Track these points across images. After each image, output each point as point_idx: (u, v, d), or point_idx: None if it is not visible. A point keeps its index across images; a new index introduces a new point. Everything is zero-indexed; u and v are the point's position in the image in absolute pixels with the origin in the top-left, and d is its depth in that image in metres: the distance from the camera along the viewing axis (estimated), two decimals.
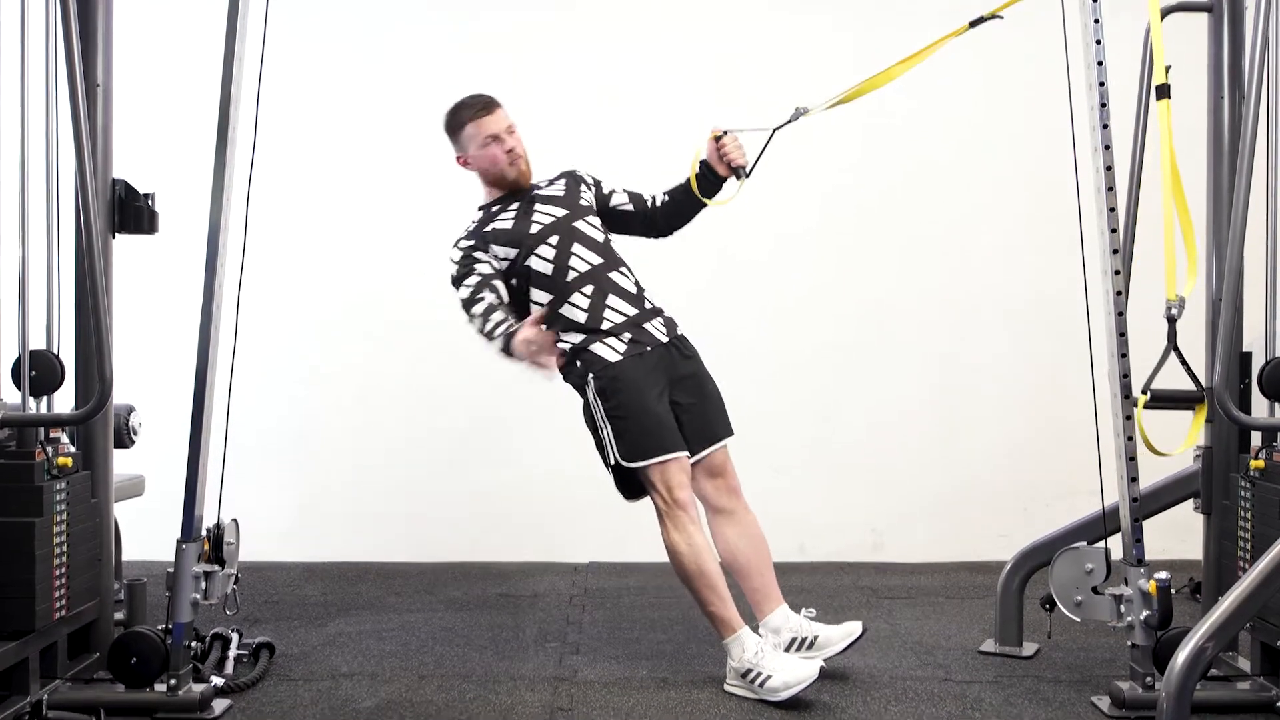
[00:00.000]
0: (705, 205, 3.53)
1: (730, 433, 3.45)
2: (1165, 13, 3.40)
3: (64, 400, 3.16)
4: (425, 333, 5.19)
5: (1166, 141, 2.78)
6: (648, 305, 3.44)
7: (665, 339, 3.40)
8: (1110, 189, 3.01)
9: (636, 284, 3.46)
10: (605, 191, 3.60)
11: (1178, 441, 3.57)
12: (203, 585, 3.09)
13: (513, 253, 3.39)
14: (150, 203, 3.33)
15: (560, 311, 3.35)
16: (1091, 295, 3.11)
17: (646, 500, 3.37)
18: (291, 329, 5.20)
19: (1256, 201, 2.98)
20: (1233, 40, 3.35)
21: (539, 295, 3.38)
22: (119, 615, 3.48)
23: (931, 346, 5.26)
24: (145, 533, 4.20)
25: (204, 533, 3.12)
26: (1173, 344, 2.91)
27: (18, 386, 3.03)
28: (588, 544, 5.14)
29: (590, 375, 3.31)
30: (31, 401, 3.04)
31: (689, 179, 3.50)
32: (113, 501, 3.37)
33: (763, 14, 5.27)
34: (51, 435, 3.11)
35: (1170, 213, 2.79)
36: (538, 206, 3.46)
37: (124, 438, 3.54)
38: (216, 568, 3.13)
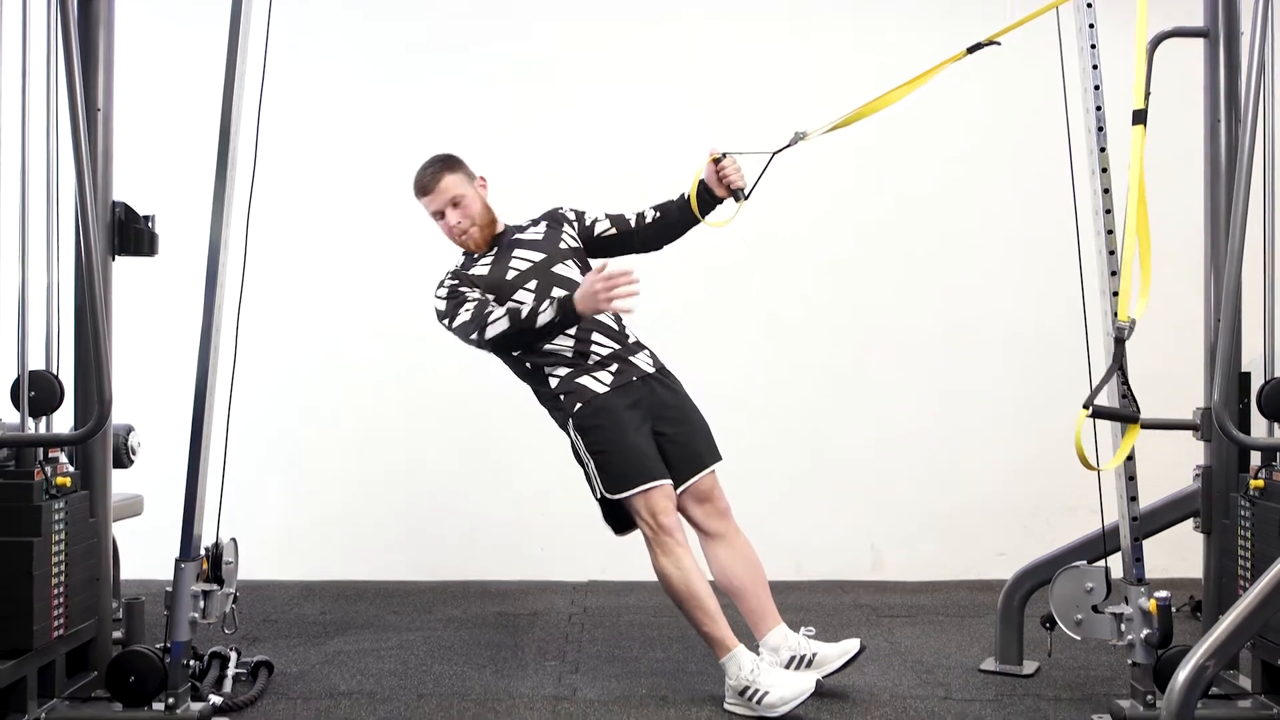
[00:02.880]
0: (699, 222, 3.53)
1: (717, 458, 3.47)
2: (1162, 38, 3.41)
3: (63, 420, 3.16)
4: (425, 352, 5.19)
5: (1136, 166, 2.80)
6: (630, 339, 3.48)
7: (651, 370, 3.44)
8: (1109, 211, 3.02)
9: (618, 319, 3.49)
10: (588, 223, 3.62)
11: (1178, 460, 3.59)
12: (201, 604, 3.08)
13: (491, 298, 3.43)
14: (150, 225, 3.34)
15: (546, 348, 3.38)
16: (1090, 314, 3.11)
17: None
18: (291, 348, 5.20)
19: (1253, 223, 2.99)
20: (1229, 65, 3.37)
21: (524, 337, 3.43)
22: (117, 634, 3.48)
23: (930, 365, 5.26)
24: (144, 552, 4.20)
25: (203, 552, 3.11)
26: (1119, 364, 2.91)
27: (17, 407, 3.03)
28: (587, 563, 5.14)
29: (571, 415, 3.35)
30: (30, 421, 3.04)
31: (686, 196, 3.50)
32: (111, 521, 3.37)
33: (762, 39, 5.29)
34: (50, 455, 3.11)
35: (1132, 238, 2.80)
36: (516, 252, 3.50)
37: (123, 457, 3.54)
38: (215, 587, 3.12)
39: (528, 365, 3.43)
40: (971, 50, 3.22)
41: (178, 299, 4.56)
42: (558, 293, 3.37)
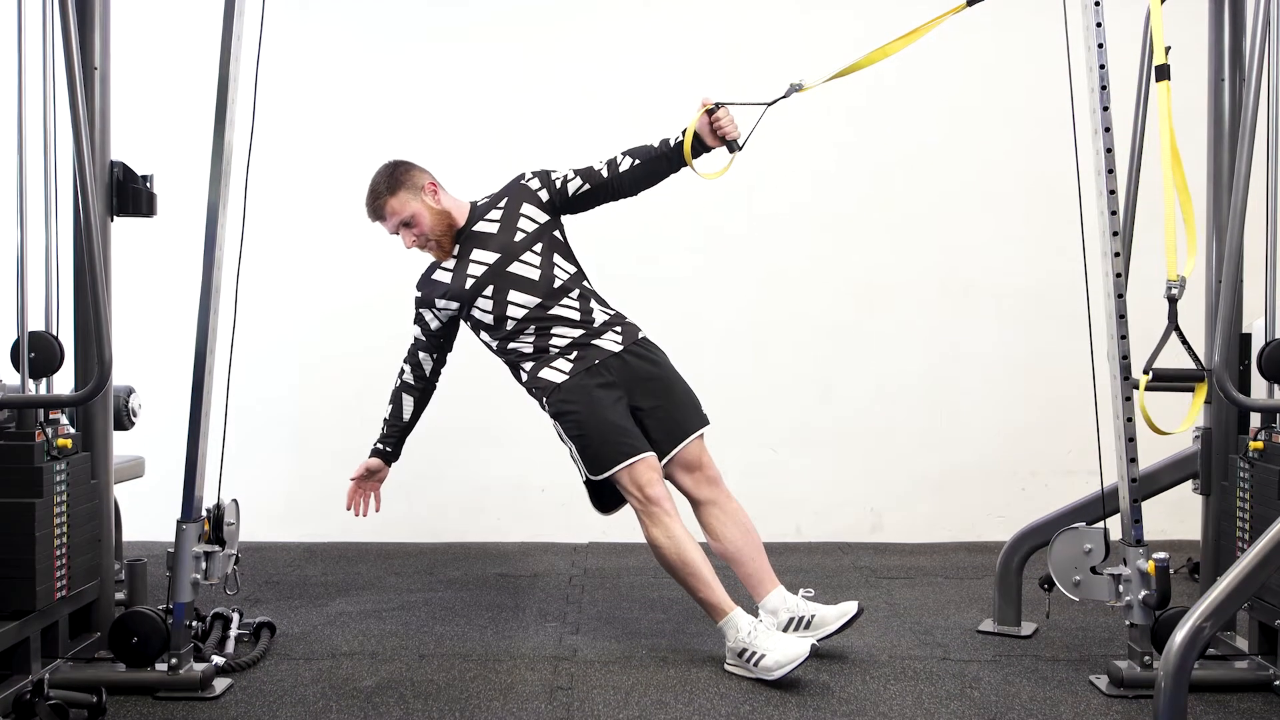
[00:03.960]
0: (682, 168, 3.39)
1: (703, 423, 3.46)
2: None
3: (63, 382, 3.16)
4: None
5: (1166, 123, 2.78)
6: (597, 322, 3.43)
7: (619, 348, 3.42)
8: (1111, 171, 3.00)
9: (583, 302, 3.44)
10: (558, 185, 3.47)
11: (1177, 421, 3.58)
12: (203, 565, 3.10)
13: (455, 305, 3.51)
14: (149, 185, 3.33)
15: (509, 347, 3.45)
16: (1091, 276, 3.11)
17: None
18: (290, 309, 5.20)
19: (1256, 184, 2.97)
20: (1233, 23, 3.34)
21: (488, 336, 3.51)
22: (120, 595, 3.50)
23: (929, 326, 5.26)
24: (145, 513, 4.22)
25: (204, 513, 3.12)
26: (1174, 324, 2.91)
27: (17, 368, 3.03)
28: (587, 524, 5.15)
29: (544, 400, 3.40)
30: (31, 383, 3.04)
31: (675, 143, 3.36)
32: (112, 482, 3.38)
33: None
34: (51, 417, 3.11)
35: (1171, 194, 2.78)
36: (474, 252, 3.46)
37: (123, 419, 3.54)
38: (217, 548, 3.13)
39: (503, 361, 3.53)
40: (971, 2, 3.20)
41: (177, 259, 4.55)
42: (513, 311, 3.41)
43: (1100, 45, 2.99)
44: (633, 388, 3.40)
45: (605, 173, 3.44)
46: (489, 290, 3.42)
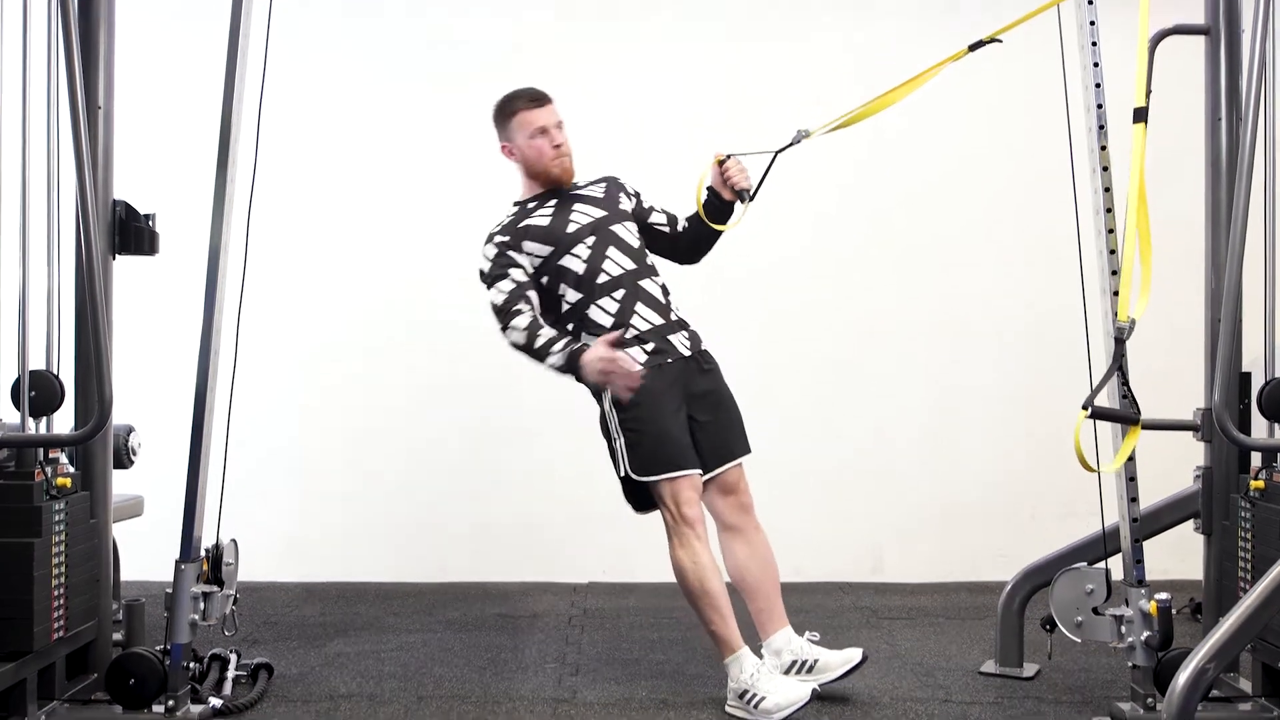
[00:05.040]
0: (719, 232, 3.50)
1: (747, 450, 3.43)
2: (1163, 35, 3.41)
3: (63, 420, 3.15)
4: (425, 352, 5.22)
5: (1137, 165, 2.80)
6: (674, 316, 3.42)
7: (688, 352, 3.38)
8: (1109, 210, 3.02)
9: (665, 293, 3.44)
10: (645, 206, 3.56)
11: (1179, 460, 3.58)
12: (201, 606, 3.09)
13: (547, 250, 3.35)
14: (151, 224, 3.34)
15: (586, 313, 3.33)
16: (1090, 314, 3.11)
17: (647, 519, 3.37)
18: (291, 349, 5.20)
19: (1254, 222, 2.98)
20: (1230, 63, 3.36)
21: (570, 294, 3.35)
22: (117, 636, 3.48)
23: (929, 364, 5.26)
24: (144, 553, 4.19)
25: (203, 553, 3.11)
26: (1118, 364, 2.91)
27: (17, 407, 3.03)
28: (587, 564, 5.14)
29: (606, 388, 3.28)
30: (31, 422, 3.04)
31: (698, 208, 3.48)
32: (111, 522, 3.37)
33: (765, 37, 5.29)
34: (50, 455, 3.10)
35: (1132, 234, 2.80)
36: (576, 206, 3.41)
37: (123, 458, 3.53)
38: (215, 588, 3.12)
39: (568, 328, 3.36)
40: (973, 48, 3.22)
41: (178, 298, 4.55)
42: (609, 266, 3.32)
43: (1098, 85, 3.02)
44: (692, 398, 3.35)
45: (678, 227, 3.57)
46: (590, 240, 3.35)
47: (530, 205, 3.45)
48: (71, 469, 3.18)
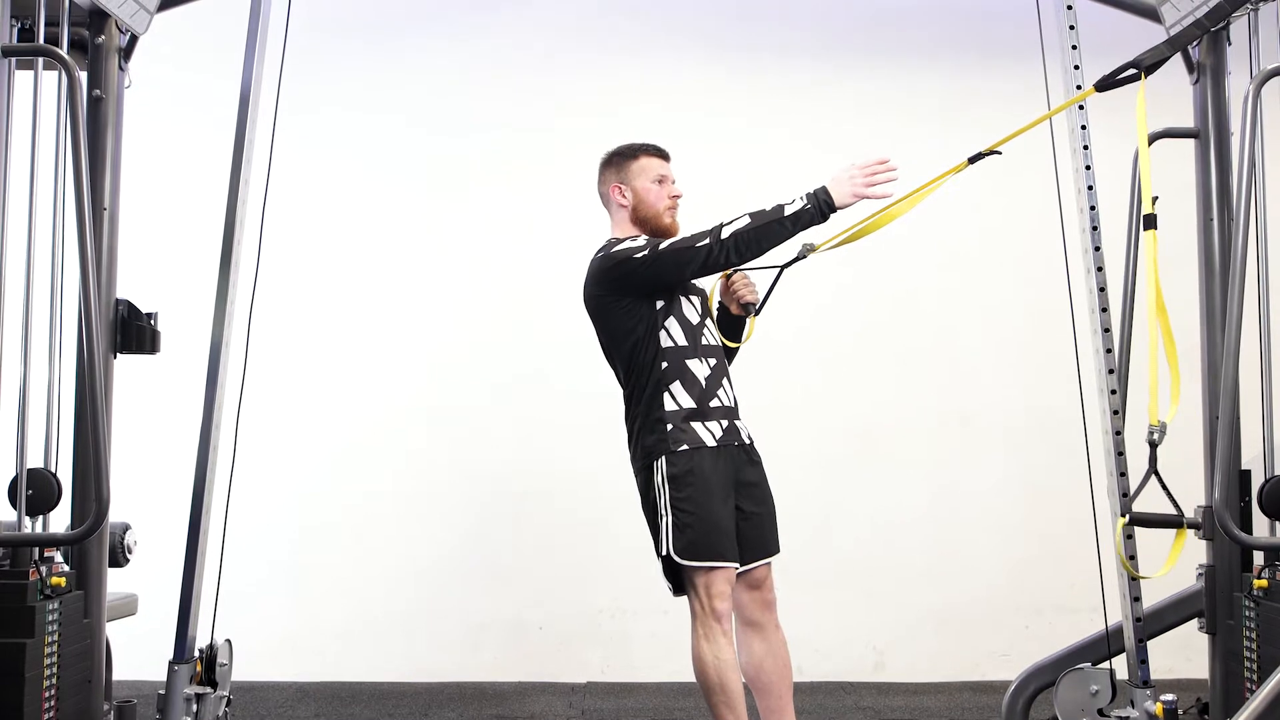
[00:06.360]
0: (734, 349, 3.49)
1: (778, 549, 3.38)
2: (1154, 138, 3.46)
3: (60, 517, 3.14)
4: (423, 452, 5.22)
5: (1152, 270, 2.82)
6: (738, 405, 3.40)
7: (748, 440, 3.37)
8: (1105, 309, 3.05)
9: (731, 383, 3.41)
10: None
11: (1181, 557, 3.55)
12: (194, 708, 3.05)
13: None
14: (153, 322, 3.36)
15: (685, 363, 3.26)
16: (1089, 414, 3.12)
17: (643, 620, 3.33)
18: (289, 447, 5.19)
19: (1249, 320, 3.00)
20: (1220, 164, 3.42)
21: (678, 337, 3.26)
22: None
23: (929, 461, 5.25)
24: (137, 652, 4.14)
25: (197, 653, 3.08)
26: (1153, 468, 2.91)
27: (14, 505, 3.02)
28: (586, 663, 5.07)
29: (664, 457, 3.20)
30: (27, 520, 3.03)
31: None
32: (105, 621, 3.33)
33: (767, 142, 5.37)
34: (46, 554, 3.08)
35: (1155, 339, 2.82)
36: None
37: (118, 556, 3.50)
38: (209, 689, 3.08)
39: (663, 365, 3.24)
40: (973, 160, 3.25)
41: (178, 396, 4.56)
42: (706, 334, 3.29)
43: (1090, 187, 3.07)
44: (741, 487, 3.30)
45: None
46: (697, 299, 3.34)
47: (650, 239, 3.35)
48: (66, 567, 3.15)
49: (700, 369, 3.26)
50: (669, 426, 3.20)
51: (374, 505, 5.26)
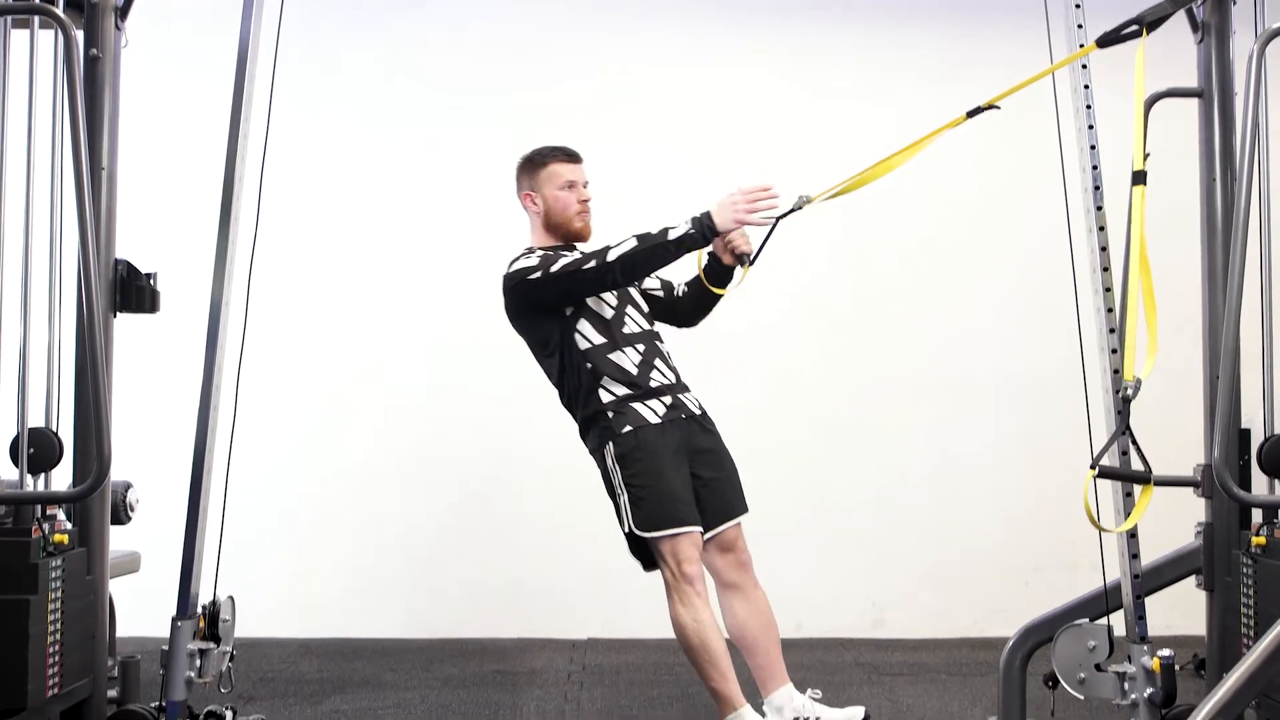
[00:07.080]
0: (719, 296, 3.52)
1: (745, 509, 3.44)
2: (1157, 98, 3.45)
3: (62, 476, 3.15)
4: (423, 408, 5.23)
5: (1138, 226, 2.82)
6: (681, 378, 3.46)
7: (697, 412, 3.42)
8: (1106, 269, 3.04)
9: (671, 359, 3.48)
10: None
11: (1179, 516, 3.57)
12: (198, 663, 3.07)
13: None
14: (152, 282, 3.35)
15: (609, 356, 3.32)
16: (1089, 370, 3.12)
17: (647, 574, 3.36)
18: (289, 405, 5.21)
19: (1250, 279, 2.99)
20: (1223, 125, 3.39)
21: (594, 336, 3.32)
22: (112, 693, 3.44)
23: (929, 420, 5.26)
24: (140, 609, 4.17)
25: (200, 610, 3.10)
26: (1125, 424, 2.92)
27: (16, 464, 3.03)
28: (586, 620, 5.11)
29: (611, 441, 3.28)
30: (29, 479, 3.04)
31: (699, 272, 3.51)
32: (108, 578, 3.35)
33: (767, 98, 5.34)
34: (48, 512, 3.09)
35: (1136, 295, 2.81)
36: None
37: (120, 514, 3.51)
38: (212, 645, 3.10)
39: (588, 366, 3.31)
40: (971, 114, 3.23)
41: (178, 355, 4.55)
42: (629, 323, 3.35)
43: (1093, 147, 3.05)
44: (695, 455, 3.36)
45: (674, 290, 3.60)
46: (613, 295, 3.38)
47: (549, 254, 3.42)
48: (69, 525, 3.17)
49: (626, 359, 3.33)
50: (610, 414, 3.29)
51: (376, 462, 5.28)
